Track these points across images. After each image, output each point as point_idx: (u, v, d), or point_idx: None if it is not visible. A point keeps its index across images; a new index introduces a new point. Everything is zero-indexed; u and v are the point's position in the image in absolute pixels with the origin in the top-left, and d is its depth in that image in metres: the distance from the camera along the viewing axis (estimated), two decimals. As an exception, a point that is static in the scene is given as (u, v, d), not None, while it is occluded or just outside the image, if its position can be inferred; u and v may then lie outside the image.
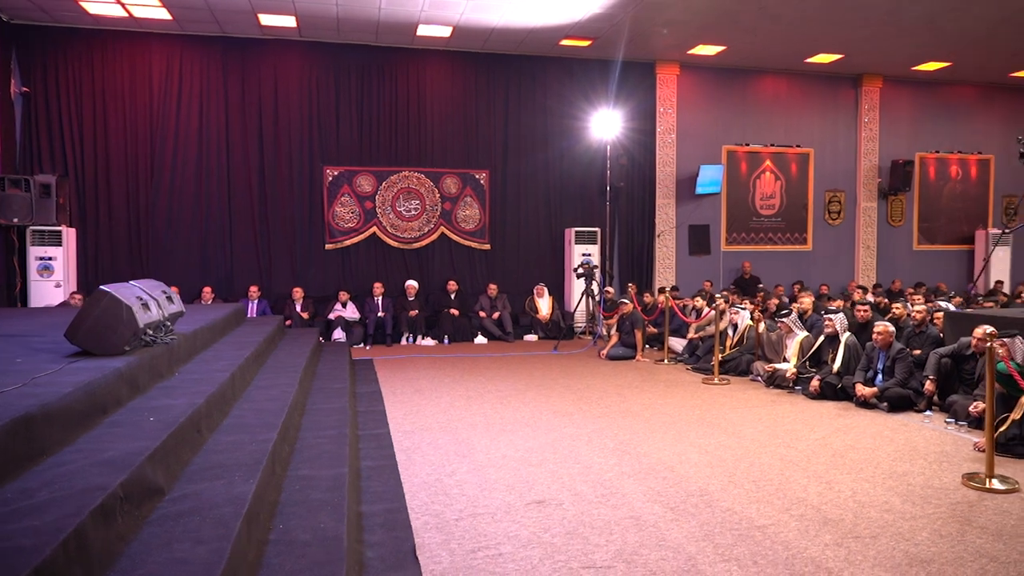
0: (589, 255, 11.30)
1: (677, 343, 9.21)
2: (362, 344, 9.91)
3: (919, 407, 6.05)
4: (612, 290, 11.37)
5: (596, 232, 11.52)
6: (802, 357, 7.08)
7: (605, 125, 11.22)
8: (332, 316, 10.06)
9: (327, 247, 10.81)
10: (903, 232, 13.39)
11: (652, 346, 9.71)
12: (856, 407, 6.23)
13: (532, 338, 10.72)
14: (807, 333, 7.32)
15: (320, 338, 8.61)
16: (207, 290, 9.87)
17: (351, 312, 10.16)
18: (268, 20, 9.57)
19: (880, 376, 6.30)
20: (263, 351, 6.03)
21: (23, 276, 9.28)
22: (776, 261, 12.69)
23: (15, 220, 8.95)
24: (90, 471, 2.43)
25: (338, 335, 9.81)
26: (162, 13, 9.21)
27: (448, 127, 11.21)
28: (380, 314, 10.13)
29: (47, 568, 1.78)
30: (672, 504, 3.86)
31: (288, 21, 9.63)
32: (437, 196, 11.21)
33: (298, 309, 10.00)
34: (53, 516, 2.03)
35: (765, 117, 12.54)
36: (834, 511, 3.77)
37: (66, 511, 2.07)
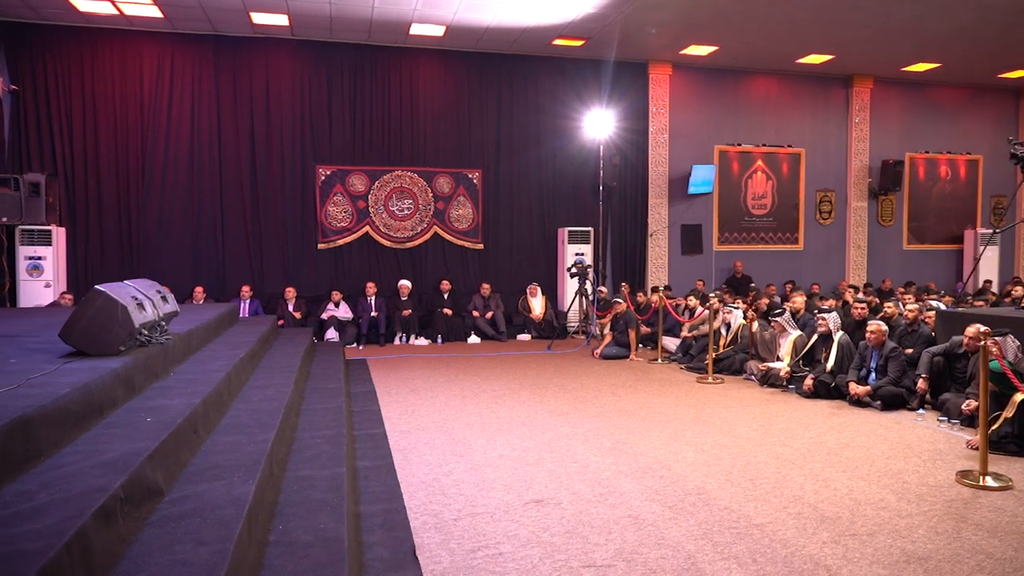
0: (582, 255, 11.32)
1: (671, 342, 9.24)
2: (355, 344, 9.88)
3: (912, 405, 6.10)
4: (605, 289, 11.38)
5: (589, 232, 11.54)
6: (796, 356, 7.12)
7: (598, 125, 11.24)
8: (325, 316, 10.03)
9: (320, 247, 10.77)
10: (893, 232, 13.49)
11: (645, 345, 9.73)
12: (849, 405, 6.26)
13: (525, 337, 10.72)
14: (800, 332, 7.36)
15: (313, 338, 8.58)
16: (199, 290, 9.81)
17: (344, 312, 10.13)
18: (260, 18, 9.52)
19: (873, 375, 6.34)
20: (258, 351, 6.00)
21: (12, 276, 9.19)
22: (768, 261, 12.75)
23: (4, 219, 8.87)
24: (89, 472, 2.41)
25: (331, 335, 9.78)
26: (153, 11, 9.15)
27: (441, 126, 11.19)
28: (373, 314, 10.10)
29: (51, 571, 1.76)
30: (670, 503, 3.87)
31: (280, 20, 9.58)
32: (430, 195, 11.19)
33: (291, 309, 9.96)
34: (54, 518, 2.02)
35: (757, 117, 12.60)
36: (831, 509, 3.80)
37: (67, 513, 2.05)
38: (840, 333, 6.82)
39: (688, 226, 12.34)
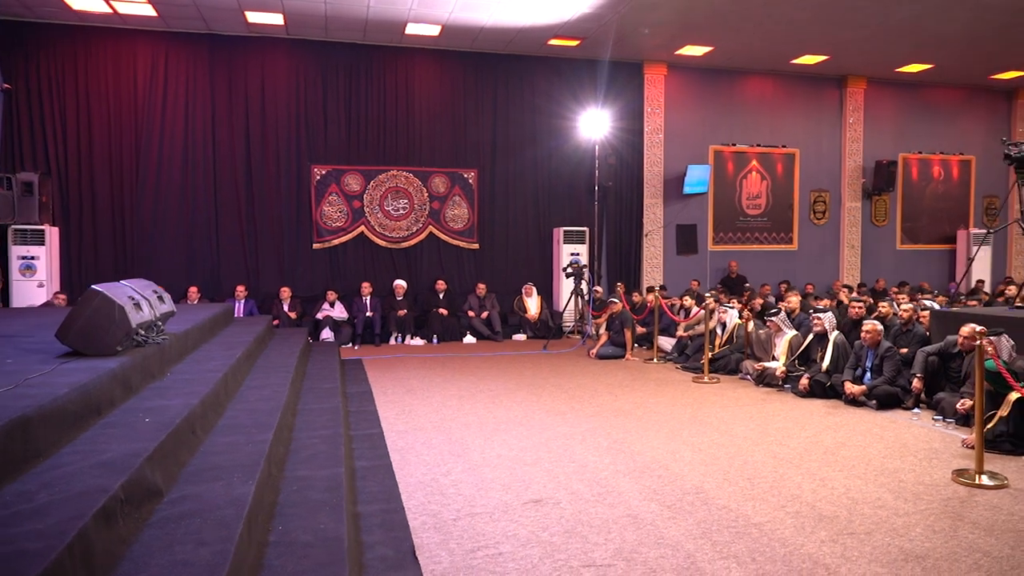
0: (577, 255, 11.33)
1: (666, 342, 9.26)
2: (350, 344, 9.86)
3: (907, 404, 6.13)
4: (600, 289, 11.40)
5: (584, 232, 11.55)
6: (791, 355, 7.14)
7: (593, 125, 11.25)
8: (320, 316, 10.01)
9: (315, 246, 10.74)
10: (887, 232, 13.55)
11: (641, 345, 9.74)
12: (845, 405, 6.29)
13: (521, 337, 10.72)
14: (796, 332, 7.38)
15: (308, 338, 8.56)
16: (193, 290, 9.77)
17: (339, 312, 10.11)
18: (255, 17, 9.49)
19: (868, 374, 6.37)
20: (253, 351, 5.98)
21: (5, 276, 9.13)
22: (762, 261, 12.79)
23: (-3, 219, 8.82)
24: (89, 473, 2.40)
25: (326, 335, 9.76)
26: (147, 9, 9.10)
27: (436, 126, 11.18)
28: (368, 314, 10.08)
29: (52, 572, 1.75)
30: (668, 502, 3.88)
31: (276, 19, 9.55)
32: (425, 195, 11.18)
33: (286, 309, 9.93)
34: (55, 519, 2.01)
35: (751, 117, 12.63)
36: (828, 508, 3.81)
37: (68, 514, 2.04)
38: (836, 333, 6.85)
39: (683, 226, 12.37)
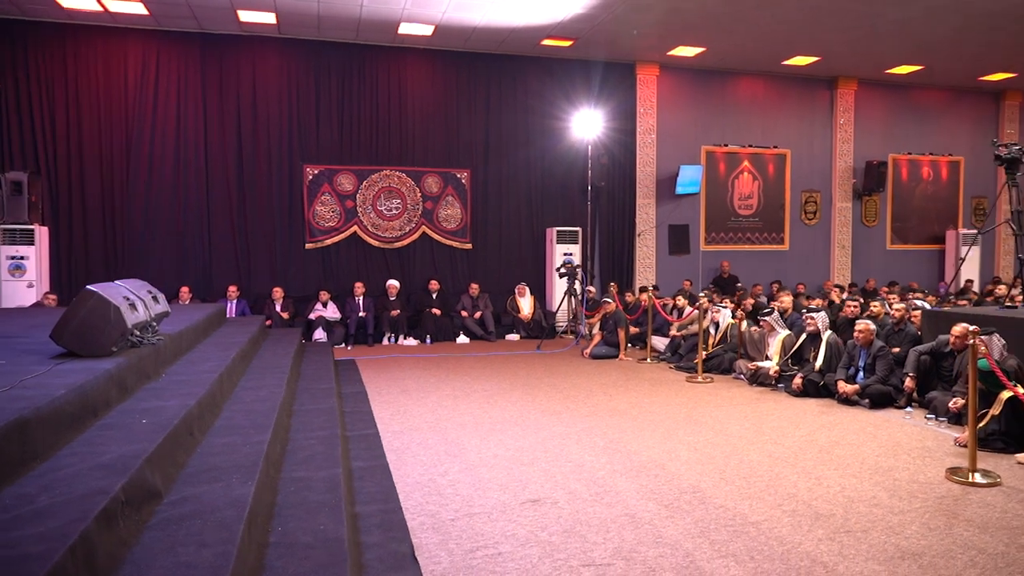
0: (571, 254, 11.34)
1: (659, 342, 9.28)
2: (343, 344, 9.83)
3: (899, 403, 6.17)
4: (594, 289, 11.41)
5: (577, 232, 11.56)
6: (784, 355, 7.17)
7: (586, 125, 11.25)
8: (313, 316, 9.97)
9: (307, 246, 10.71)
10: (877, 232, 13.64)
11: (634, 345, 9.77)
12: (838, 404, 6.33)
13: (514, 337, 10.72)
14: (789, 331, 7.42)
15: (302, 338, 8.52)
16: (184, 290, 9.70)
17: (332, 312, 10.07)
18: (248, 16, 9.44)
19: (861, 373, 6.41)
20: (248, 352, 5.96)
21: (-6, 276, 9.05)
22: (754, 260, 12.85)
23: (-14, 218, 8.74)
24: (89, 475, 2.38)
25: (319, 335, 9.72)
26: (138, 8, 9.04)
27: (429, 126, 11.17)
28: (361, 314, 10.05)
29: (55, 575, 1.74)
30: (666, 501, 3.89)
31: (268, 18, 9.51)
32: (418, 195, 11.16)
33: (278, 309, 9.89)
34: (57, 522, 1.99)
35: (743, 118, 12.69)
36: (824, 506, 3.83)
37: (70, 516, 2.03)
38: (828, 332, 6.89)
39: (675, 226, 12.41)
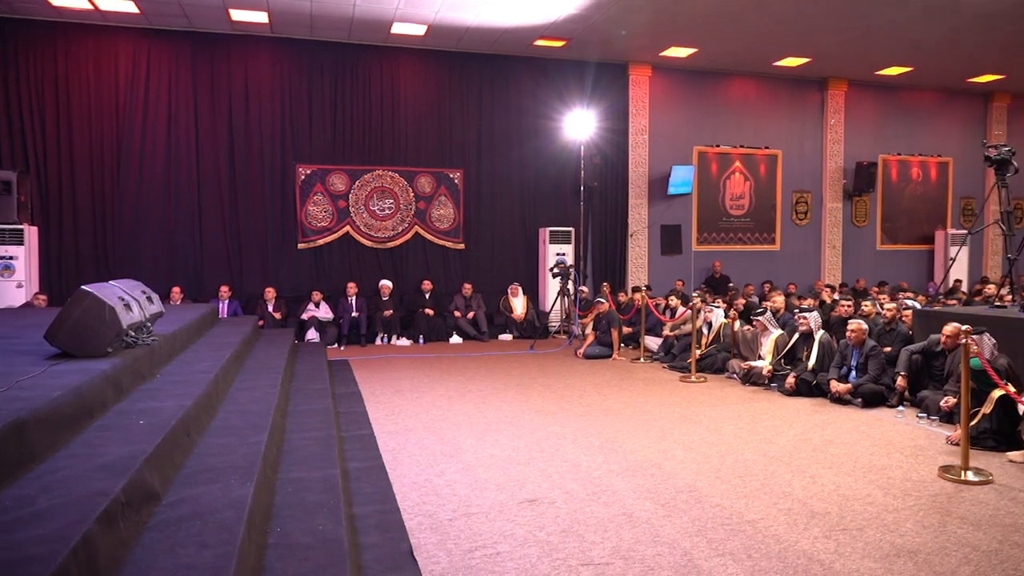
0: (563, 254, 11.35)
1: (652, 342, 9.31)
2: (336, 344, 9.80)
3: (891, 402, 6.22)
4: (587, 289, 11.43)
5: (570, 232, 11.58)
6: (777, 355, 7.21)
7: (579, 125, 11.27)
8: (305, 316, 9.93)
9: (299, 246, 10.66)
10: (867, 232, 13.73)
11: (627, 345, 9.79)
12: (831, 403, 6.37)
13: (507, 337, 10.72)
14: (781, 331, 7.46)
15: (295, 339, 8.49)
16: (176, 290, 9.64)
17: (324, 312, 10.04)
18: (239, 15, 9.40)
19: (854, 373, 6.45)
20: (242, 352, 5.93)
21: (-17, 276, 8.97)
22: (745, 261, 12.91)
23: (-26, 218, 8.65)
24: (88, 476, 2.37)
25: (312, 335, 9.69)
26: (129, 6, 8.98)
27: (422, 126, 11.15)
28: (354, 314, 10.03)
29: (58, 577, 1.73)
30: (662, 500, 3.91)
31: (260, 17, 9.47)
32: (411, 195, 11.14)
33: (270, 309, 9.84)
34: (58, 524, 1.98)
35: (735, 119, 12.74)
36: (820, 505, 3.86)
37: (70, 518, 2.01)
38: (821, 332, 6.93)
39: (668, 226, 12.45)
